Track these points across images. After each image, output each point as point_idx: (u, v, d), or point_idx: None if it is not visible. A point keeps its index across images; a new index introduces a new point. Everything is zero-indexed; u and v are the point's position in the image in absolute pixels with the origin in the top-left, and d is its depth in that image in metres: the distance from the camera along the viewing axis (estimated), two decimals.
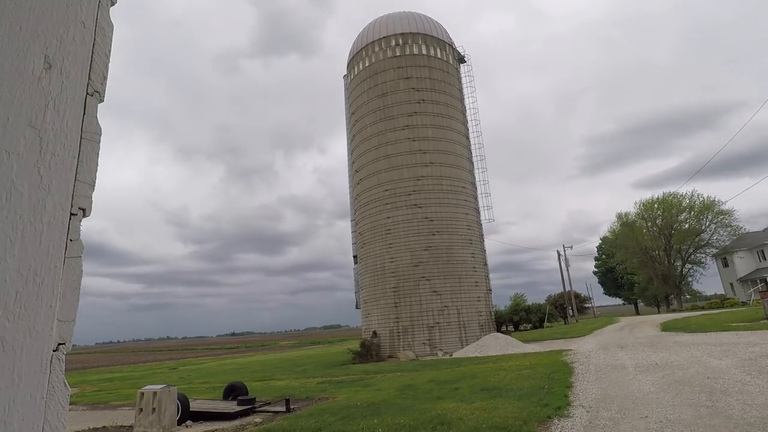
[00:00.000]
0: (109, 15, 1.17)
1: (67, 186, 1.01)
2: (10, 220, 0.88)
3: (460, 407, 8.15)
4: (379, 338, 24.83)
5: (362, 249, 27.46)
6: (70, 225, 1.01)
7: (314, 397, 11.72)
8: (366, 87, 28.62)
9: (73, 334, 0.99)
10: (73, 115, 1.04)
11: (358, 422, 7.69)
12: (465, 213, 26.58)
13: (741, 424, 5.72)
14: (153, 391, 8.73)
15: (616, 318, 41.74)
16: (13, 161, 0.91)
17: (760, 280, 43.78)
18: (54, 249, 0.96)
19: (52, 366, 0.93)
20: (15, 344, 0.86)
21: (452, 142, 27.41)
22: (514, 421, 6.76)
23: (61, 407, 0.93)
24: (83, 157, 1.06)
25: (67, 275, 0.99)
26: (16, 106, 0.93)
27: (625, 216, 56.02)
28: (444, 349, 23.36)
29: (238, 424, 9.18)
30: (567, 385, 9.40)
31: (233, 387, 12.05)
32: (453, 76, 29.50)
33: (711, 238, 49.49)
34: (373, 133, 27.61)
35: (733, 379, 8.42)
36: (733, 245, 49.86)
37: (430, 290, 24.35)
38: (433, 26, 29.71)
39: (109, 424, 10.30)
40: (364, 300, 27.04)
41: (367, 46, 29.12)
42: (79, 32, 1.08)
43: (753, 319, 20.79)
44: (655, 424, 6.10)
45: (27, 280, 0.90)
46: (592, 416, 6.82)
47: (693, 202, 49.82)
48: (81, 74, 1.07)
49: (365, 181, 27.60)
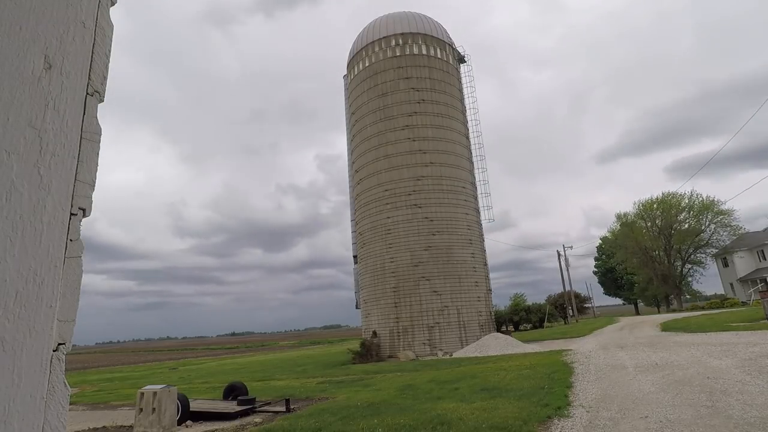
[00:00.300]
0: (109, 15, 1.17)
1: (67, 186, 1.01)
2: (10, 220, 0.88)
3: (460, 407, 8.15)
4: (379, 338, 24.84)
5: (362, 249, 27.46)
6: (70, 225, 1.01)
7: (314, 397, 11.72)
8: (366, 87, 28.62)
9: (73, 334, 0.99)
10: (73, 115, 1.04)
11: (358, 422, 7.69)
12: (465, 213, 26.59)
13: (741, 424, 5.72)
14: (153, 391, 8.73)
15: (616, 318, 41.75)
16: (13, 161, 0.91)
17: (760, 280, 43.79)
18: (54, 249, 0.96)
19: (52, 366, 0.93)
20: (15, 344, 0.86)
21: (452, 142, 27.42)
22: (514, 421, 6.76)
23: (61, 407, 0.93)
24: (83, 157, 1.06)
25: (67, 275, 0.99)
26: (16, 106, 0.93)
27: (624, 216, 56.12)
28: (444, 349, 23.36)
29: (238, 424, 9.18)
30: (567, 385, 9.40)
31: (233, 387, 12.05)
32: (453, 76, 29.51)
33: (711, 238, 49.51)
34: (373, 133, 27.62)
35: (733, 379, 8.42)
36: (733, 245, 49.87)
37: (430, 290, 24.35)
38: (433, 26, 29.72)
39: (109, 424, 10.30)
40: (364, 300, 27.04)
41: (367, 46, 29.13)
42: (79, 32, 1.08)
43: (753, 319, 20.79)
44: (655, 424, 6.10)
45: (27, 280, 0.90)
46: (592, 416, 6.82)
47: (692, 202, 49.87)
48: (81, 74, 1.07)
49: (365, 181, 27.61)
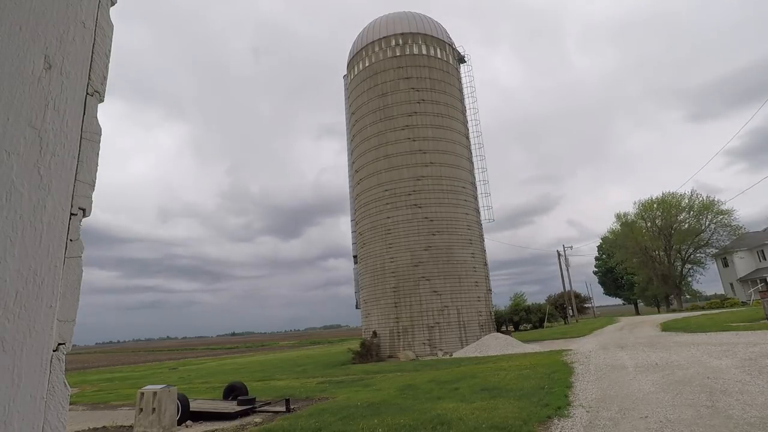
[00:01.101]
0: (109, 15, 1.17)
1: (67, 186, 1.01)
2: (10, 220, 0.88)
3: (460, 407, 8.15)
4: (379, 338, 24.84)
5: (362, 249, 27.47)
6: (70, 225, 1.01)
7: (314, 397, 11.72)
8: (366, 87, 28.63)
9: (73, 334, 0.99)
10: (73, 115, 1.04)
11: (358, 422, 7.69)
12: (465, 213, 26.60)
13: (741, 424, 5.72)
14: (153, 391, 8.73)
15: (616, 318, 41.74)
16: (13, 161, 0.91)
17: (760, 280, 43.79)
18: (54, 249, 0.96)
19: (52, 366, 0.93)
20: (15, 344, 0.86)
21: (452, 142, 27.42)
22: (514, 421, 6.76)
23: (61, 407, 0.93)
24: (83, 157, 1.06)
25: (67, 275, 0.99)
26: (16, 106, 0.93)
27: (624, 216, 56.11)
28: (444, 349, 23.36)
29: (238, 424, 9.18)
30: (567, 385, 9.40)
31: (233, 387, 12.05)
32: (453, 76, 29.52)
33: (711, 238, 49.49)
34: (373, 133, 27.62)
35: (733, 379, 8.42)
36: (733, 245, 49.87)
37: (430, 290, 24.36)
38: (433, 26, 29.72)
39: (109, 424, 10.30)
40: (364, 300, 27.05)
41: (367, 46, 29.14)
42: (79, 32, 1.08)
43: (753, 319, 20.79)
44: (655, 424, 6.10)
45: (27, 280, 0.90)
46: (592, 416, 6.82)
47: (692, 202, 49.85)
48: (81, 74, 1.07)
49: (365, 181, 27.61)
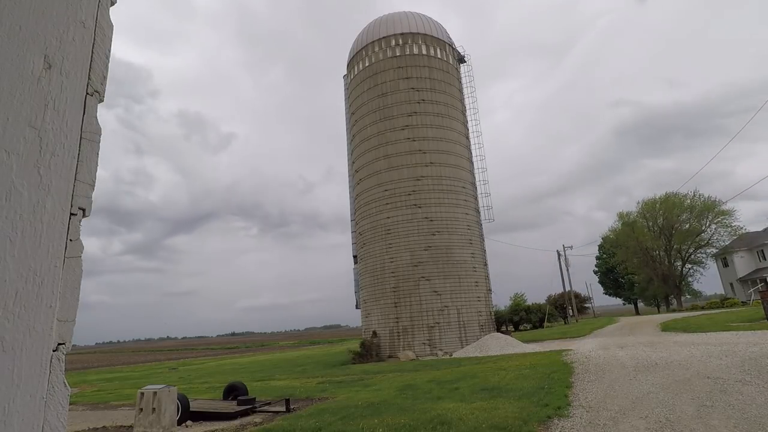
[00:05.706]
0: (109, 15, 1.17)
1: (67, 186, 1.01)
2: (10, 220, 0.89)
3: (460, 407, 8.15)
4: (379, 338, 24.83)
5: (362, 249, 27.46)
6: (70, 225, 1.01)
7: (314, 397, 11.72)
8: (366, 87, 28.62)
9: (73, 334, 0.99)
10: (73, 115, 1.04)
11: (358, 422, 7.69)
12: (465, 213, 26.59)
13: (741, 424, 5.73)
14: (153, 391, 8.72)
15: (615, 318, 41.76)
16: (13, 161, 0.91)
17: (760, 280, 43.79)
18: (54, 249, 0.96)
19: (52, 366, 0.93)
20: (15, 344, 0.86)
21: (452, 142, 27.41)
22: (514, 421, 6.75)
23: (61, 407, 0.93)
24: (83, 157, 1.06)
25: (67, 275, 0.99)
26: (16, 106, 0.93)
27: (626, 215, 56.11)
28: (444, 349, 23.36)
29: (238, 424, 9.18)
30: (567, 385, 9.40)
31: (233, 387, 12.05)
32: (453, 76, 29.50)
33: (711, 238, 49.51)
34: (373, 133, 27.62)
35: (732, 378, 8.42)
36: (733, 245, 49.88)
37: (430, 290, 24.35)
38: (433, 26, 29.71)
39: (109, 424, 10.30)
40: (364, 300, 27.04)
41: (367, 46, 29.13)
42: (79, 32, 1.08)
43: (753, 319, 20.80)
44: (655, 424, 6.10)
45: (27, 280, 0.90)
46: (592, 416, 6.82)
47: (694, 203, 49.82)
48: (81, 74, 1.07)
49: (365, 181, 27.61)
